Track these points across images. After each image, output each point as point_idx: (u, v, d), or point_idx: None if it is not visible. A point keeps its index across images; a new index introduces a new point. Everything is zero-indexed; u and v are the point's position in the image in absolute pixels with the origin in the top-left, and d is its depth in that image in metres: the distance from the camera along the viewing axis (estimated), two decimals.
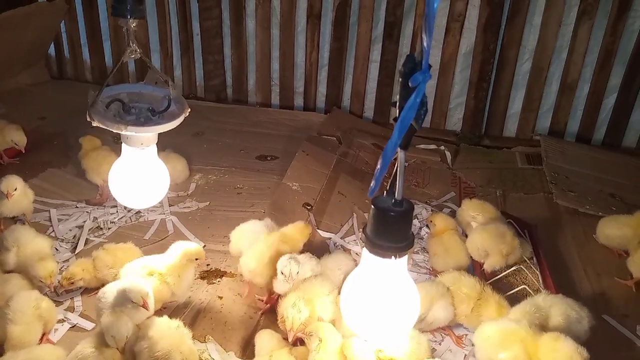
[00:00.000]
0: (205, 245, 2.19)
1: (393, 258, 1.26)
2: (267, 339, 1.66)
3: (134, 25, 1.68)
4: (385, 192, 1.27)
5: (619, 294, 2.06)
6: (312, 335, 1.60)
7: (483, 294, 1.80)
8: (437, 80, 3.28)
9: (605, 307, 1.99)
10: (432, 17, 1.08)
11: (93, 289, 1.90)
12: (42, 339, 1.69)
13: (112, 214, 2.39)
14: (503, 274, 2.06)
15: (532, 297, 1.79)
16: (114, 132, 1.69)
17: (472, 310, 1.78)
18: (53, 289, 1.86)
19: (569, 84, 3.17)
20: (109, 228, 2.31)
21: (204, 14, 3.47)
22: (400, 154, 1.22)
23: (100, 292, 1.71)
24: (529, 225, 2.32)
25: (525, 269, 2.06)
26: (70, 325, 1.81)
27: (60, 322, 1.81)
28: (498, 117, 3.32)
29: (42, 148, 2.65)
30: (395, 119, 1.16)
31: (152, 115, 1.72)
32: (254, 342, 1.69)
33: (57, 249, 2.15)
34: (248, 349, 1.74)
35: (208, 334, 1.76)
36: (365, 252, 1.31)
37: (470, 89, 3.28)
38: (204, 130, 3.23)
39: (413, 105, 1.12)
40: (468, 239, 2.14)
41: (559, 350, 1.52)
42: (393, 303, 1.33)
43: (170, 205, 2.47)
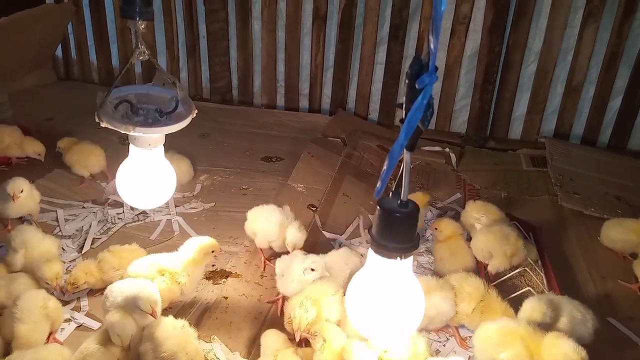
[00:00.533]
0: None
1: (398, 259, 1.27)
2: (272, 339, 1.66)
3: (143, 27, 1.69)
4: (391, 193, 1.27)
5: (624, 297, 2.06)
6: (316, 336, 1.61)
7: (487, 297, 1.79)
8: (442, 83, 3.28)
9: (610, 309, 1.99)
10: (439, 19, 1.08)
11: (99, 289, 1.91)
12: (49, 339, 1.70)
13: (118, 214, 2.40)
14: (507, 276, 2.06)
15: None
16: (122, 132, 1.70)
17: (473, 311, 1.77)
18: (59, 290, 1.87)
19: (575, 87, 3.17)
20: (114, 224, 2.33)
21: (210, 16, 3.48)
22: (406, 155, 1.22)
23: (107, 290, 1.72)
24: (534, 228, 2.33)
25: (530, 271, 2.06)
26: (77, 325, 1.82)
27: (67, 321, 1.82)
28: (503, 119, 3.32)
29: (49, 149, 2.67)
30: (402, 120, 1.17)
31: (159, 117, 1.74)
32: (260, 342, 1.69)
33: (63, 249, 2.16)
34: (253, 349, 1.74)
35: (213, 334, 1.77)
36: (371, 252, 1.31)
37: (476, 91, 3.28)
38: (210, 132, 3.24)
39: (420, 107, 1.12)
40: (472, 241, 2.14)
41: (558, 347, 1.52)
42: (398, 303, 1.34)
43: (176, 206, 2.48)
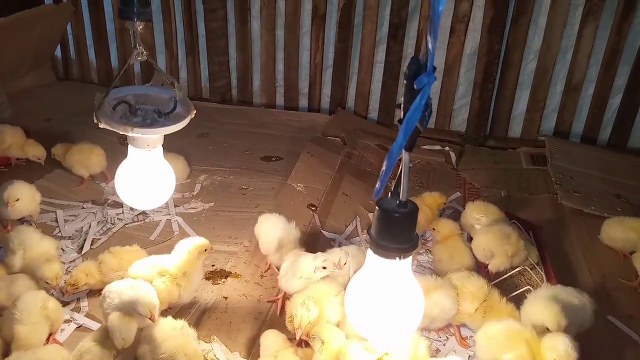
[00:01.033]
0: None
1: (397, 259, 1.27)
2: (272, 339, 1.66)
3: (141, 28, 1.69)
4: (390, 193, 1.27)
5: (624, 295, 2.06)
6: (314, 337, 1.61)
7: (490, 297, 1.78)
8: (441, 81, 3.28)
9: (610, 308, 1.99)
10: (437, 19, 1.08)
11: (99, 290, 1.91)
12: (48, 339, 1.70)
13: (118, 215, 2.40)
14: (507, 275, 2.06)
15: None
16: (121, 133, 1.70)
17: (476, 311, 1.77)
18: (59, 290, 1.87)
19: (574, 85, 3.16)
20: (114, 224, 2.33)
21: (209, 16, 3.48)
22: (405, 156, 1.22)
23: (105, 290, 1.72)
24: (534, 226, 2.32)
25: (530, 270, 2.06)
26: (77, 326, 1.82)
27: (67, 322, 1.82)
28: (503, 117, 3.32)
29: (48, 149, 2.67)
30: (400, 121, 1.16)
31: (158, 117, 1.73)
32: (259, 342, 1.69)
33: (63, 250, 2.16)
34: (253, 349, 1.74)
35: (213, 334, 1.77)
36: (370, 252, 1.31)
37: (475, 90, 3.28)
38: (209, 131, 3.24)
39: (418, 107, 1.12)
40: (473, 240, 2.14)
41: (552, 349, 1.52)
42: (397, 304, 1.34)
43: (176, 206, 2.48)
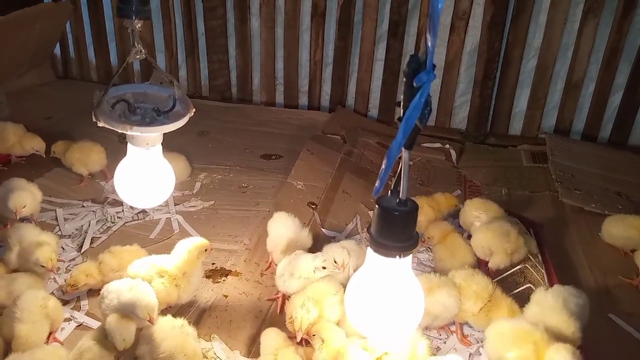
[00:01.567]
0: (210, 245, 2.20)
1: (397, 257, 1.27)
2: (272, 338, 1.66)
3: (139, 26, 1.68)
4: (390, 191, 1.27)
5: (625, 293, 2.05)
6: (314, 336, 1.61)
7: (494, 296, 1.77)
8: (441, 79, 3.27)
9: (611, 305, 1.98)
10: (436, 17, 1.08)
11: (99, 289, 1.90)
12: (49, 338, 1.70)
13: (117, 213, 2.40)
14: (508, 273, 2.05)
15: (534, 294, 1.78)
16: (120, 132, 1.69)
17: (480, 310, 1.75)
18: (56, 272, 1.88)
19: (575, 82, 3.15)
20: (114, 222, 2.33)
21: (209, 14, 3.47)
22: (405, 154, 1.22)
23: (104, 290, 1.71)
24: (534, 224, 2.32)
25: (530, 268, 2.05)
26: (77, 324, 1.82)
27: (67, 321, 1.81)
28: (503, 115, 3.31)
29: (48, 148, 2.67)
30: (400, 119, 1.16)
31: (157, 116, 1.73)
32: (260, 340, 1.69)
33: (63, 248, 2.16)
34: (253, 348, 1.74)
35: (213, 333, 1.77)
36: (370, 251, 1.31)
37: (475, 87, 3.27)
38: (209, 130, 3.24)
39: (417, 105, 1.12)
40: (472, 238, 2.14)
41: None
42: (397, 302, 1.34)
43: (176, 205, 2.48)
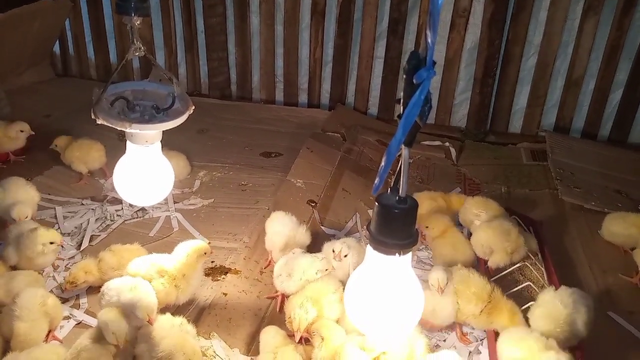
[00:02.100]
0: (210, 242, 2.19)
1: (397, 255, 1.26)
2: (271, 336, 1.66)
3: (138, 23, 1.68)
4: (390, 189, 1.26)
5: (625, 291, 2.05)
6: (315, 334, 1.61)
7: (493, 297, 1.76)
8: (441, 76, 3.27)
9: (611, 304, 1.98)
10: (436, 14, 1.07)
11: (98, 287, 1.90)
12: (48, 336, 1.70)
13: (117, 211, 2.40)
14: (507, 271, 2.05)
15: (537, 294, 1.78)
16: (119, 129, 1.69)
17: (481, 312, 1.74)
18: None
19: (575, 80, 3.15)
20: (113, 220, 2.32)
21: (208, 11, 3.47)
22: (404, 151, 1.21)
23: (104, 287, 1.72)
24: (534, 222, 2.32)
25: (530, 266, 2.04)
26: (76, 322, 1.82)
27: (66, 319, 1.81)
28: (503, 113, 3.31)
29: (47, 145, 2.66)
30: (400, 116, 1.16)
31: (156, 113, 1.72)
32: (259, 338, 1.69)
33: (62, 246, 2.15)
34: (253, 346, 1.74)
35: (213, 331, 1.77)
36: (369, 249, 1.30)
37: (475, 85, 3.27)
38: (209, 127, 3.23)
39: (417, 102, 1.11)
40: (472, 236, 2.14)
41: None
42: (397, 300, 1.33)
43: (175, 202, 2.48)
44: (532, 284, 1.95)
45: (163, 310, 1.73)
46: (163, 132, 1.78)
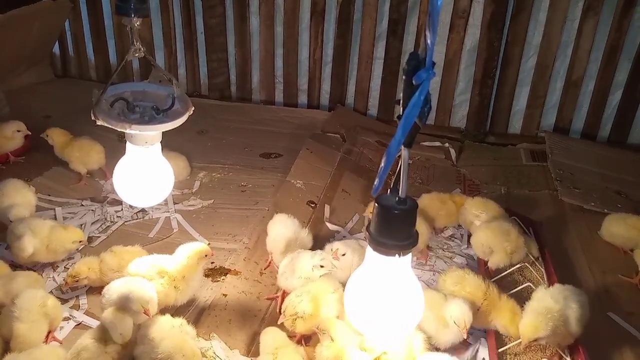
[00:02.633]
0: (210, 243, 2.19)
1: (397, 256, 1.26)
2: (272, 337, 1.66)
3: (138, 24, 1.67)
4: (389, 190, 1.26)
5: (625, 292, 2.05)
6: (324, 333, 1.61)
7: (489, 294, 1.77)
8: (441, 77, 3.27)
9: (611, 304, 1.99)
10: (436, 14, 1.07)
11: (98, 288, 1.90)
12: (48, 337, 1.70)
13: (117, 212, 2.40)
14: (507, 272, 2.05)
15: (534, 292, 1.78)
16: (118, 130, 1.69)
17: (477, 311, 1.74)
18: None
19: (574, 81, 3.15)
20: (113, 222, 2.32)
21: (208, 12, 3.47)
22: (404, 152, 1.21)
23: (105, 288, 1.72)
24: (534, 223, 2.32)
25: (530, 266, 2.05)
26: (76, 323, 1.82)
27: (66, 320, 1.82)
28: (503, 114, 3.31)
29: (47, 146, 2.66)
30: (399, 117, 1.16)
31: (156, 114, 1.72)
32: (259, 339, 1.69)
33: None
34: (253, 347, 1.74)
35: (212, 332, 1.77)
36: (369, 250, 1.30)
37: (475, 86, 3.27)
38: (208, 128, 3.23)
39: (417, 103, 1.11)
40: (472, 237, 2.14)
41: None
42: (397, 301, 1.33)
43: (175, 203, 2.48)
44: (532, 285, 1.95)
45: (162, 312, 1.72)
46: (163, 133, 1.78)
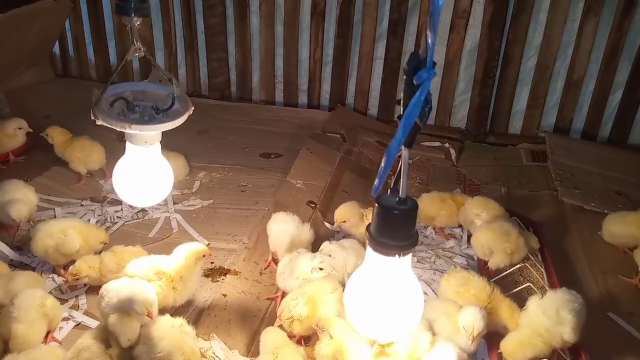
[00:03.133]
0: (210, 243, 2.19)
1: (397, 256, 1.26)
2: (271, 337, 1.66)
3: (138, 24, 1.67)
4: (389, 190, 1.26)
5: (625, 292, 2.05)
6: (324, 331, 1.61)
7: (493, 298, 1.77)
8: (441, 77, 3.27)
9: (611, 305, 1.98)
10: (436, 14, 1.07)
11: (97, 287, 1.90)
12: (47, 337, 1.69)
13: (116, 212, 2.40)
14: (507, 272, 2.05)
15: (534, 295, 1.77)
16: (118, 130, 1.69)
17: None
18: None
19: (575, 81, 3.15)
20: (113, 222, 2.32)
21: (208, 12, 3.47)
22: (404, 152, 1.21)
23: (103, 289, 1.71)
24: (534, 223, 2.31)
25: (530, 267, 2.04)
26: (75, 324, 1.81)
27: (65, 320, 1.81)
28: (503, 114, 3.31)
29: (47, 146, 2.66)
30: (400, 117, 1.15)
31: (156, 114, 1.72)
32: (259, 339, 1.69)
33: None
34: (252, 347, 1.74)
35: (212, 332, 1.76)
36: (369, 250, 1.30)
37: (475, 86, 3.27)
38: (208, 128, 3.23)
39: (417, 103, 1.11)
40: (472, 237, 2.14)
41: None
42: (397, 301, 1.33)
43: (175, 203, 2.48)
44: (532, 285, 1.95)
45: (161, 312, 1.72)
46: (163, 133, 1.77)
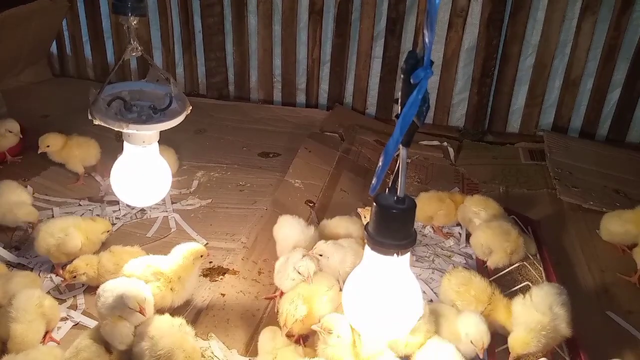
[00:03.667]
0: (208, 243, 2.19)
1: (395, 256, 1.26)
2: (270, 337, 1.66)
3: (135, 23, 1.67)
4: (388, 189, 1.26)
5: (623, 290, 2.05)
6: (331, 333, 1.58)
7: (493, 299, 1.76)
8: (439, 76, 3.27)
9: (609, 303, 1.99)
10: (434, 13, 1.07)
11: (95, 287, 1.89)
12: (45, 338, 1.69)
13: (114, 212, 2.39)
14: (506, 271, 2.05)
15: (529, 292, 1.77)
16: (116, 130, 1.68)
17: (481, 314, 1.73)
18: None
19: (573, 80, 3.15)
20: (113, 224, 2.31)
21: (206, 11, 3.46)
22: (402, 151, 1.21)
23: (100, 289, 1.70)
24: (532, 222, 2.32)
25: (529, 265, 2.04)
26: (73, 324, 1.81)
27: (63, 320, 1.81)
28: (501, 112, 3.31)
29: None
30: (397, 116, 1.15)
31: (153, 113, 1.72)
32: (257, 339, 1.69)
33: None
34: (251, 346, 1.74)
35: (211, 332, 1.76)
36: (368, 249, 1.30)
37: (473, 85, 3.27)
38: (206, 128, 3.23)
39: (415, 102, 1.11)
40: (472, 236, 2.14)
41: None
42: (395, 300, 1.33)
43: (173, 203, 2.47)
44: (530, 284, 1.94)
45: (160, 313, 1.72)
46: (160, 132, 1.77)
